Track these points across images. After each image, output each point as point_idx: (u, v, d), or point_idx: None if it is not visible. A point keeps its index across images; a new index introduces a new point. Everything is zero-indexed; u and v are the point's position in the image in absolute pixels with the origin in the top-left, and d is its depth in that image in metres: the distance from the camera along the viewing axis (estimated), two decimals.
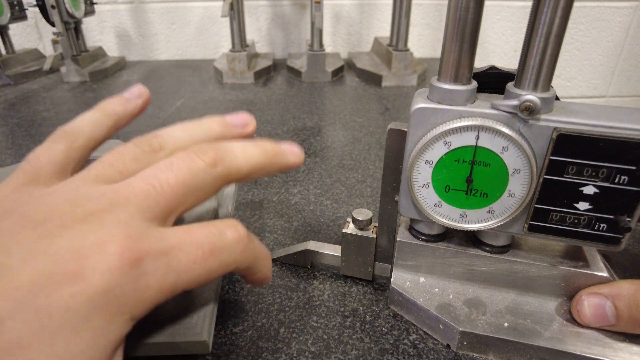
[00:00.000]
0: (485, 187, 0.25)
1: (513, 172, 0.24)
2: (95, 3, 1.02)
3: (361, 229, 0.31)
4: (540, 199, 0.24)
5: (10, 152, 0.58)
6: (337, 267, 0.33)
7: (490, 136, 0.23)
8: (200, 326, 0.22)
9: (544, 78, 0.23)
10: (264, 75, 0.95)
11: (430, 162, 0.25)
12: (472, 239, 0.29)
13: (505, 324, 0.26)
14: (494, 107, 0.23)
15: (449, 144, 0.24)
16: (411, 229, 0.30)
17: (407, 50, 0.87)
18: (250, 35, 1.12)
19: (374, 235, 0.31)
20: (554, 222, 0.25)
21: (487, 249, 0.28)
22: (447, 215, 0.26)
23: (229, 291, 0.32)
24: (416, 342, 0.27)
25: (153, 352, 0.22)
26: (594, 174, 0.23)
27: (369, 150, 0.57)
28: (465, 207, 0.26)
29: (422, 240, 0.29)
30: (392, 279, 0.30)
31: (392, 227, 0.30)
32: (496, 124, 0.23)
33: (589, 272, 0.26)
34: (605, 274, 0.26)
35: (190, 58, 1.18)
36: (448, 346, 0.27)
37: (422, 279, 0.30)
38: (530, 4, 0.22)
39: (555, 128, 0.22)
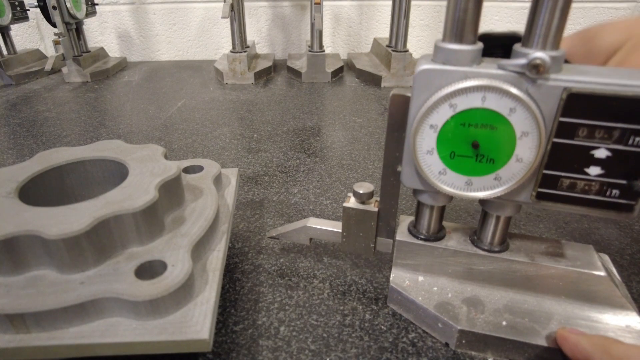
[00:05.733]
0: (492, 152, 0.23)
1: (521, 136, 0.22)
2: (97, 4, 1.03)
3: (362, 202, 0.30)
4: (549, 164, 0.23)
5: (12, 152, 0.58)
6: (337, 243, 0.32)
7: (497, 97, 0.22)
8: (201, 324, 0.22)
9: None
10: (264, 75, 0.95)
11: (435, 127, 0.23)
12: (471, 238, 0.29)
13: (504, 323, 0.26)
14: (500, 67, 0.22)
15: (455, 106, 0.23)
16: (410, 229, 0.30)
17: (406, 51, 0.87)
18: (250, 36, 1.13)
19: (376, 209, 0.30)
20: (563, 189, 0.23)
21: (485, 248, 0.28)
22: (452, 184, 0.25)
23: (229, 290, 0.32)
24: (415, 340, 0.28)
25: (154, 351, 0.22)
26: (606, 135, 0.21)
27: (368, 150, 0.57)
28: (470, 174, 0.24)
29: (421, 239, 0.29)
30: (391, 278, 0.30)
31: (394, 200, 0.29)
32: (503, 84, 0.21)
33: (586, 271, 0.27)
34: (602, 273, 0.26)
35: (191, 59, 1.18)
36: (447, 344, 0.27)
37: (421, 278, 0.30)
38: (528, 4, 0.22)
39: (565, 88, 0.21)
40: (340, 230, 0.31)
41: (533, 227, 0.40)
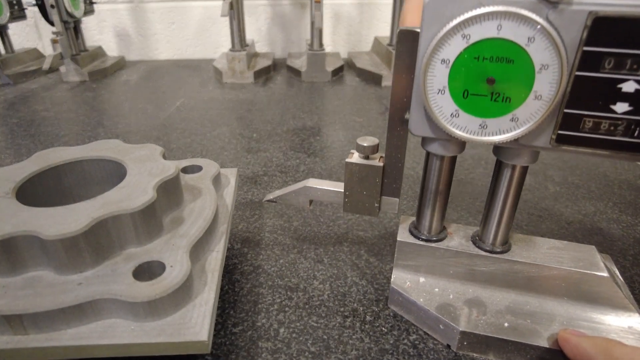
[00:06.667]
0: (508, 89, 0.21)
1: (540, 69, 0.20)
2: (95, 2, 1.02)
3: (366, 157, 0.28)
4: (570, 102, 0.21)
5: (9, 151, 0.57)
6: (339, 204, 0.31)
7: (514, 25, 0.20)
8: (200, 326, 0.22)
9: None
10: (264, 74, 0.95)
11: (447, 62, 0.22)
12: (472, 238, 0.29)
13: (506, 324, 0.26)
14: None
15: (468, 37, 0.21)
16: (411, 229, 0.30)
17: None
18: (250, 35, 1.12)
19: (381, 164, 0.28)
20: (586, 130, 0.21)
21: (487, 248, 0.28)
22: (465, 127, 0.23)
23: (228, 291, 0.32)
24: (416, 342, 0.27)
25: (152, 352, 0.22)
26: (635, 66, 0.19)
27: None
28: (485, 116, 0.22)
29: (423, 240, 0.29)
30: (392, 279, 0.30)
31: (401, 153, 0.27)
32: (521, 10, 0.19)
33: (588, 272, 0.26)
34: (605, 274, 0.26)
35: (190, 58, 1.18)
36: (448, 346, 0.27)
37: (422, 279, 0.30)
38: None
39: (590, 12, 0.19)
40: (342, 190, 0.30)
41: (535, 228, 0.39)
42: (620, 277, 0.30)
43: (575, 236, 0.38)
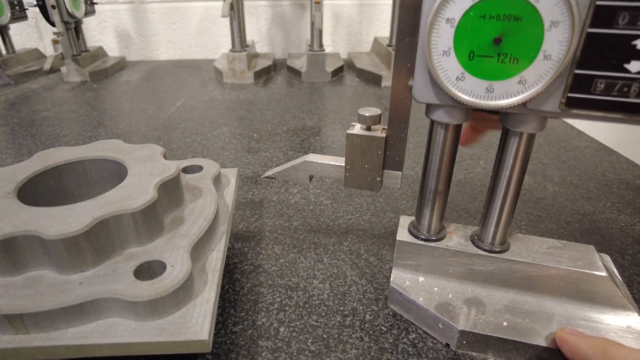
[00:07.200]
0: (516, 48, 0.20)
1: (549, 26, 0.19)
2: (96, 3, 1.02)
3: (368, 128, 0.27)
4: (582, 62, 0.20)
5: (10, 151, 0.58)
6: (340, 178, 0.30)
7: None
8: (201, 325, 0.22)
9: None
10: (264, 75, 0.95)
11: (452, 21, 0.21)
12: (472, 238, 0.29)
13: (505, 323, 0.26)
14: None
15: None
16: (411, 229, 0.30)
17: None
18: (250, 36, 1.12)
19: (383, 135, 0.27)
20: (598, 92, 0.20)
21: (486, 248, 0.28)
22: (471, 91, 0.22)
23: (229, 290, 0.32)
24: (415, 341, 0.27)
25: (153, 351, 0.22)
26: None
27: None
28: (492, 78, 0.22)
29: (422, 239, 0.29)
30: (391, 278, 0.30)
31: (404, 123, 0.26)
32: None
33: (587, 271, 0.26)
34: (603, 273, 0.26)
35: (191, 58, 1.18)
36: (447, 345, 0.27)
37: (421, 278, 0.30)
38: None
39: None
40: (343, 164, 0.29)
41: (534, 228, 0.40)
42: (618, 276, 0.30)
43: (574, 236, 0.38)
